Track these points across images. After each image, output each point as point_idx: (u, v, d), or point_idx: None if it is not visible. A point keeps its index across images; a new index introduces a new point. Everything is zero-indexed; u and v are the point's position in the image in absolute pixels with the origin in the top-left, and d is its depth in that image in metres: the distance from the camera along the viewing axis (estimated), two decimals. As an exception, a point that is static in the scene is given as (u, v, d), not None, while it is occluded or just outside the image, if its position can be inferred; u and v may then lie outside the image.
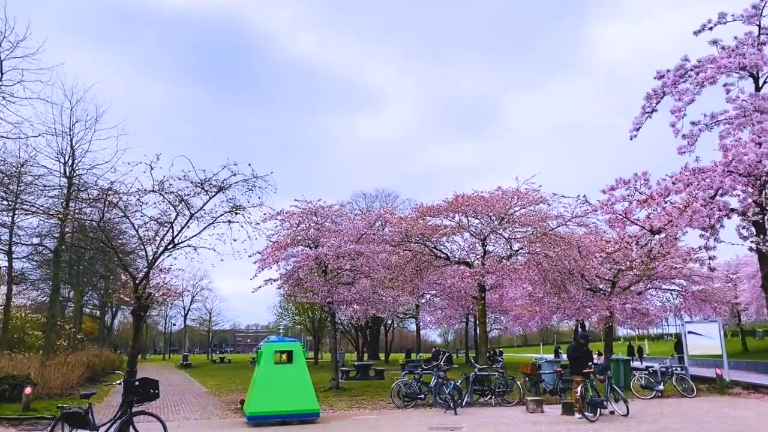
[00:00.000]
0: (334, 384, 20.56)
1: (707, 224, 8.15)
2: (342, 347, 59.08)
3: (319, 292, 20.22)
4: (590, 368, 13.93)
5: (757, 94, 8.40)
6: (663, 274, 23.27)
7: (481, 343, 25.20)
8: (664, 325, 61.06)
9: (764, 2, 8.53)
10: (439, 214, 23.88)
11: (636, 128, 9.46)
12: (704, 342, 20.24)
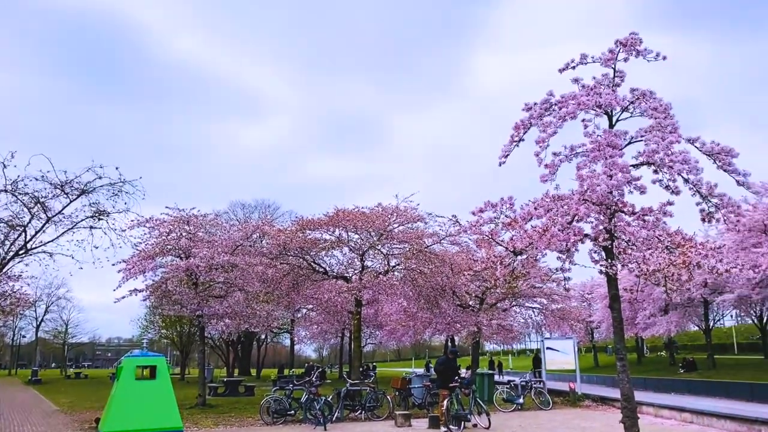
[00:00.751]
0: (200, 401, 19.72)
1: (564, 248, 8.82)
2: (211, 362, 56.88)
3: (189, 304, 19.38)
4: (456, 382, 14.47)
5: (610, 130, 9.23)
6: (526, 292, 24.77)
7: (354, 358, 25.32)
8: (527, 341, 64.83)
9: (618, 48, 9.44)
10: (319, 228, 23.82)
11: (504, 155, 10.01)
12: (561, 357, 21.73)
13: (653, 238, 8.54)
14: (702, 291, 27.73)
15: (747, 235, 24.56)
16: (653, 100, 9.12)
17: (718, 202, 8.67)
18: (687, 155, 8.46)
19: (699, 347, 44.81)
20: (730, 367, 30.58)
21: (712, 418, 14.91)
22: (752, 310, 32.29)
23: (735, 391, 20.79)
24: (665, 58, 9.14)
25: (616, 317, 9.40)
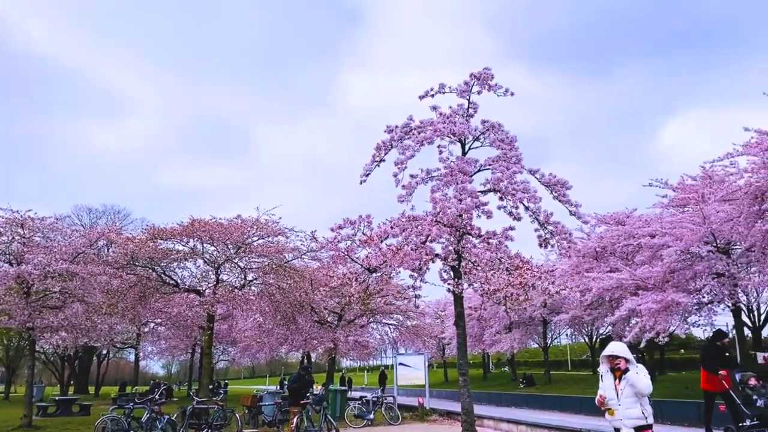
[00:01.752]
0: (25, 422, 17.84)
1: (416, 266, 9.19)
2: (43, 380, 51.82)
3: (18, 315, 17.53)
4: (308, 399, 14.38)
5: (462, 157, 9.82)
6: (383, 309, 25.32)
7: (204, 375, 24.31)
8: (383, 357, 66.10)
9: (473, 81, 10.10)
10: (172, 238, 22.68)
11: (366, 174, 10.28)
12: (412, 373, 22.38)
13: (495, 260, 9.18)
14: (541, 311, 30.02)
15: (581, 261, 26.98)
16: (501, 132, 9.85)
17: (553, 229, 9.49)
18: (527, 185, 9.22)
19: (538, 363, 48.30)
20: (564, 382, 33.26)
21: (545, 429, 16.10)
22: (584, 329, 35.43)
23: (567, 405, 22.65)
24: (513, 94, 9.93)
25: (461, 334, 9.92)
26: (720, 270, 18.04)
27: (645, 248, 20.71)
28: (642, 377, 6.41)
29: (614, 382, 6.50)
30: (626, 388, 6.40)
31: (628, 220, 24.61)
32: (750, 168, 15.62)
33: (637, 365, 6.54)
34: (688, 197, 19.28)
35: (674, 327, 18.83)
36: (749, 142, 15.00)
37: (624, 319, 22.70)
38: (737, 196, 15.46)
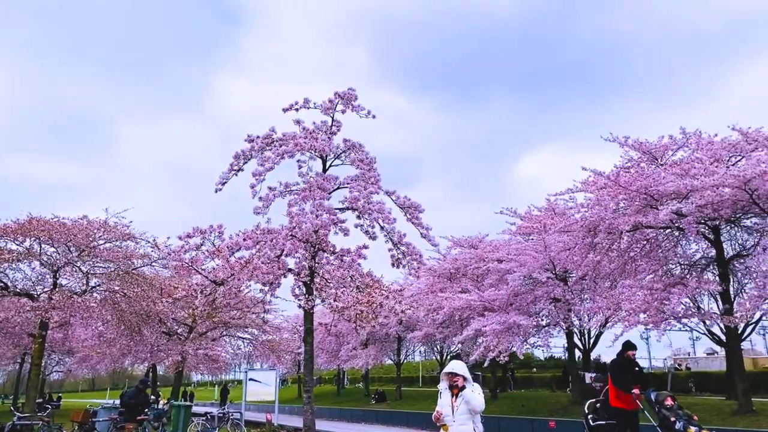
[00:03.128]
0: None
1: (267, 280, 9.03)
2: None
3: None
4: (146, 415, 13.56)
5: (322, 174, 9.86)
6: (237, 322, 24.59)
7: (31, 388, 22.04)
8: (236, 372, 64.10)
9: (337, 100, 10.21)
10: (5, 236, 20.47)
11: (222, 182, 9.97)
12: (262, 389, 21.88)
13: (347, 278, 9.28)
14: (397, 328, 30.77)
15: (436, 281, 28.08)
16: (362, 153, 10.03)
17: (405, 250, 9.78)
18: (383, 206, 9.45)
19: (392, 379, 49.33)
20: (414, 398, 34.22)
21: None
22: (436, 347, 36.76)
23: (414, 420, 23.33)
24: (374, 116, 10.15)
25: (308, 351, 9.87)
26: (557, 295, 19.59)
27: (493, 272, 22.00)
28: (477, 395, 6.66)
29: (451, 399, 6.71)
30: (461, 405, 6.62)
31: (481, 244, 26.04)
32: (586, 204, 17.18)
33: (473, 384, 6.80)
34: (533, 227, 20.81)
35: (515, 347, 20.10)
36: (587, 180, 16.47)
37: (472, 338, 23.92)
38: (574, 229, 16.88)
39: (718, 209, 14.19)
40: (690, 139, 15.84)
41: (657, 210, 14.11)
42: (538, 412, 20.72)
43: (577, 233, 16.88)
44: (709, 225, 14.88)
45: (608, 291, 17.68)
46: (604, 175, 14.88)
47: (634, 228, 15.33)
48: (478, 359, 20.05)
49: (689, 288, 14.53)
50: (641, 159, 16.76)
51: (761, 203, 13.63)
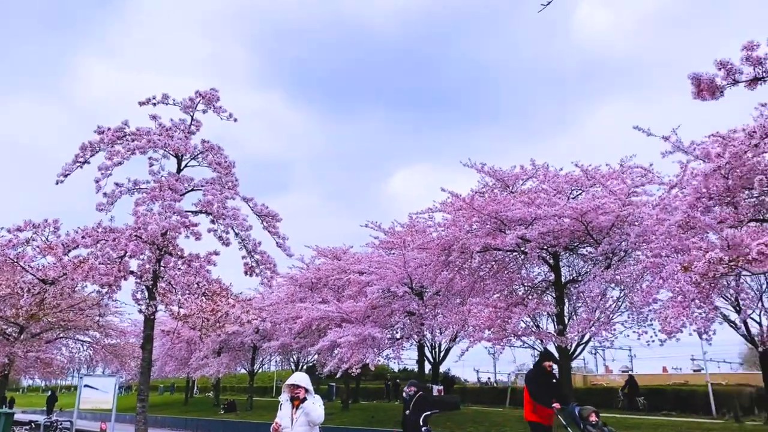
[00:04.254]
0: None
1: (105, 282, 8.44)
2: None
3: None
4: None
5: (175, 174, 9.43)
6: (75, 324, 22.74)
7: None
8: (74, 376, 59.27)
9: (198, 99, 9.85)
10: None
11: (64, 174, 9.22)
12: (99, 396, 20.34)
13: (193, 284, 8.92)
14: (253, 337, 30.09)
15: (298, 290, 27.88)
16: (220, 155, 9.74)
17: (260, 258, 9.61)
18: (238, 212, 9.22)
19: (245, 389, 48.10)
20: (265, 408, 33.53)
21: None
22: (292, 357, 36.37)
23: (262, 431, 22.86)
24: (236, 120, 9.89)
25: (146, 357, 9.35)
26: (413, 309, 20.21)
27: (354, 283, 22.26)
28: (317, 407, 6.70)
29: (291, 410, 6.69)
30: (301, 417, 6.63)
31: (344, 255, 26.27)
32: (443, 223, 17.95)
33: (314, 396, 6.82)
34: (394, 242, 21.36)
35: (368, 359, 20.40)
36: (445, 201, 17.21)
37: (328, 349, 23.98)
38: (431, 246, 17.55)
39: (558, 237, 15.41)
40: (538, 170, 17.11)
41: (505, 234, 15.05)
42: (387, 423, 21.18)
43: (433, 251, 17.56)
44: (550, 251, 16.10)
45: (458, 307, 18.56)
46: (460, 197, 15.64)
47: (484, 249, 16.23)
48: (332, 370, 20.12)
49: (529, 308, 15.61)
50: (495, 185, 17.84)
51: (594, 234, 15.00)
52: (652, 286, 12.46)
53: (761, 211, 12.63)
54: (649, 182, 14.77)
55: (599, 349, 38.53)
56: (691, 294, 10.89)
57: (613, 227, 14.51)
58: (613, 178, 15.16)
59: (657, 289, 12.40)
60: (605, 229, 14.64)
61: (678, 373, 42.38)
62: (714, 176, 11.08)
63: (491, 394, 31.46)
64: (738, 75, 3.11)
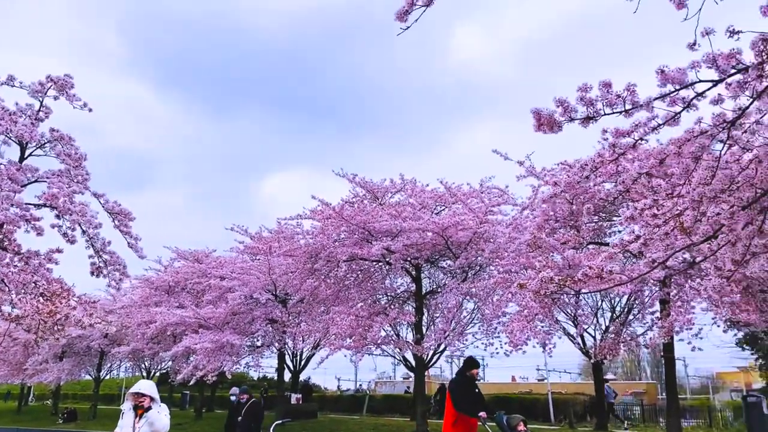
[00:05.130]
0: None
1: None
2: None
3: None
4: None
5: (16, 162, 8.57)
6: None
7: None
8: None
9: (50, 84, 9.07)
10: None
11: None
12: None
13: (30, 283, 8.16)
14: (100, 341, 28.05)
15: (153, 293, 26.44)
16: (70, 147, 9.03)
17: (108, 259, 9.00)
18: (87, 208, 8.58)
19: (89, 397, 44.72)
20: (110, 417, 31.34)
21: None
22: (144, 363, 34.38)
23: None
24: (91, 110, 9.21)
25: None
26: (275, 317, 19.93)
27: (214, 288, 21.54)
28: (162, 417, 6.51)
29: (134, 419, 6.45)
30: (144, 426, 6.41)
31: (206, 259, 25.37)
32: (311, 231, 17.94)
33: (160, 404, 6.60)
34: (260, 247, 20.98)
35: (226, 367, 19.80)
36: (315, 209, 17.22)
37: (183, 356, 22.96)
38: (298, 254, 17.46)
39: (420, 250, 15.97)
40: (407, 185, 17.67)
41: (372, 244, 15.35)
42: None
43: (300, 258, 17.48)
44: (413, 263, 16.64)
45: (322, 315, 18.62)
46: (330, 206, 15.72)
47: (351, 258, 16.43)
48: (186, 378, 19.31)
49: (390, 317, 16.01)
50: (365, 196, 18.17)
51: (453, 249, 15.72)
52: (501, 299, 13.31)
53: (599, 235, 13.95)
54: (505, 203, 15.79)
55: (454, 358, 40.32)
56: (535, 309, 11.78)
57: (470, 243, 15.31)
58: (473, 197, 16.01)
59: (506, 302, 13.27)
60: (464, 244, 15.41)
61: (525, 382, 45.43)
62: (560, 201, 12.08)
63: (350, 402, 31.76)
64: (574, 113, 3.41)
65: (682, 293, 10.63)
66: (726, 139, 3.67)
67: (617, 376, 52.15)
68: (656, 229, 3.94)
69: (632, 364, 62.42)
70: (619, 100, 3.38)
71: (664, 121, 3.53)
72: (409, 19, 3.18)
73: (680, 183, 3.87)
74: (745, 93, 3.41)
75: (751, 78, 3.21)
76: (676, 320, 10.35)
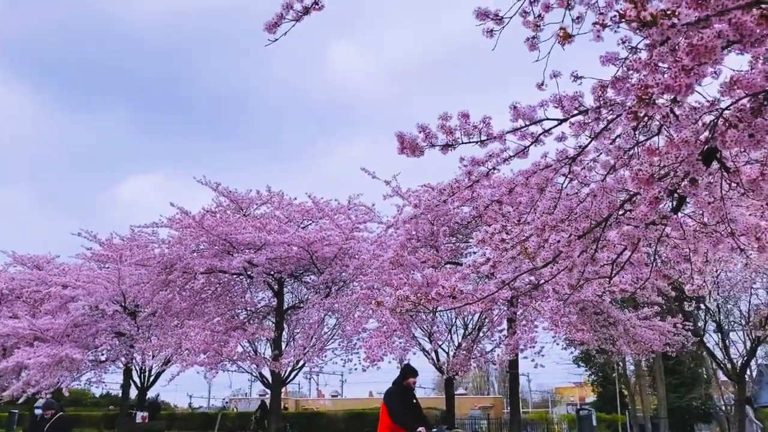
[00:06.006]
0: None
1: None
2: None
3: None
4: None
5: None
6: None
7: None
8: None
9: None
10: None
11: None
12: None
13: None
14: None
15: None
16: None
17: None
18: None
19: None
20: None
21: None
22: (-36, 379, 30.60)
23: None
24: None
25: None
26: (123, 330, 18.64)
27: (55, 297, 19.74)
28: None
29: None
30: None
31: (48, 265, 23.22)
32: (168, 240, 17.09)
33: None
34: (110, 255, 19.56)
35: (63, 383, 18.13)
36: (173, 217, 16.43)
37: (13, 371, 20.73)
38: (151, 263, 16.53)
39: (285, 264, 15.79)
40: (274, 197, 17.42)
41: (233, 257, 14.92)
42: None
43: (153, 268, 16.57)
44: (276, 277, 16.40)
45: (175, 329, 17.68)
46: (190, 215, 15.10)
47: (210, 271, 15.86)
48: (14, 395, 17.47)
49: (248, 333, 15.61)
50: (229, 207, 17.64)
51: (318, 264, 15.72)
52: (363, 316, 13.49)
53: (457, 255, 14.64)
54: (371, 220, 16.10)
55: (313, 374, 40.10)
56: (394, 325, 12.07)
57: (335, 258, 15.40)
58: (341, 213, 16.15)
59: (366, 319, 13.47)
60: (329, 259, 15.47)
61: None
62: (422, 221, 12.54)
63: (202, 419, 30.42)
64: (435, 139, 3.56)
65: (527, 313, 11.42)
66: (568, 174, 4.00)
67: (468, 390, 54.69)
68: (504, 253, 4.19)
69: (482, 379, 65.93)
70: (475, 131, 3.58)
71: (515, 153, 3.78)
72: (278, 32, 3.16)
73: (527, 211, 4.17)
74: (585, 133, 3.75)
75: (590, 119, 3.54)
76: (521, 338, 11.09)
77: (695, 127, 2.77)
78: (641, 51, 2.89)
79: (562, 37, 2.91)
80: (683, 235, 3.77)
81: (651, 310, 13.50)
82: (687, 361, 31.09)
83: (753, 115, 2.72)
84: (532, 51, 3.54)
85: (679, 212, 3.85)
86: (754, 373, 33.16)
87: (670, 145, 2.84)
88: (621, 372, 31.68)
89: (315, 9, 3.05)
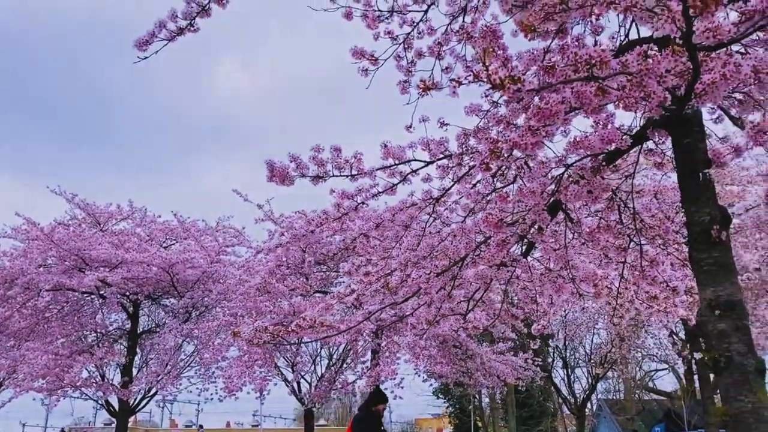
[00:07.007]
0: None
1: None
2: None
3: None
4: None
5: None
6: None
7: None
8: None
9: None
10: None
11: None
12: None
13: None
14: None
15: None
16: None
17: None
18: None
19: None
20: None
21: None
22: None
23: None
24: None
25: None
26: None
27: None
28: None
29: None
30: None
31: None
32: (10, 252, 15.58)
33: None
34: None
35: None
36: (18, 227, 15.06)
37: None
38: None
39: (142, 285, 14.90)
40: (136, 213, 16.48)
41: (84, 274, 13.87)
42: None
43: (-13, 282, 14.93)
44: (131, 298, 15.43)
45: (10, 351, 15.97)
46: (38, 226, 13.87)
47: (56, 288, 14.58)
48: None
49: (96, 357, 14.47)
50: (85, 220, 16.42)
51: (179, 287, 15.01)
52: (223, 344, 13.02)
53: (327, 284, 14.64)
54: (240, 244, 15.69)
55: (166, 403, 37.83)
56: (256, 354, 11.76)
57: (198, 282, 14.79)
58: (207, 235, 15.61)
59: (227, 347, 13.01)
60: (191, 282, 14.82)
61: (240, 428, 44.51)
62: (294, 248, 12.44)
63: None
64: (306, 170, 3.58)
65: (390, 345, 11.63)
66: (431, 213, 4.19)
67: (329, 422, 54.28)
68: (369, 286, 4.27)
69: (344, 410, 65.73)
70: (346, 165, 3.65)
71: (384, 190, 3.90)
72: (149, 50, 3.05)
73: (392, 246, 4.29)
74: (449, 176, 3.96)
75: (453, 164, 3.75)
76: (383, 370, 11.24)
77: (543, 180, 3.02)
78: (500, 106, 3.13)
79: (423, 89, 3.09)
80: (531, 278, 4.07)
81: (505, 345, 14.30)
82: (536, 395, 33.16)
83: (592, 173, 3.03)
84: (404, 94, 3.71)
85: (528, 256, 4.16)
86: (594, 407, 36.03)
87: (520, 194, 3.08)
88: (476, 404, 33.07)
89: (190, 30, 2.99)
